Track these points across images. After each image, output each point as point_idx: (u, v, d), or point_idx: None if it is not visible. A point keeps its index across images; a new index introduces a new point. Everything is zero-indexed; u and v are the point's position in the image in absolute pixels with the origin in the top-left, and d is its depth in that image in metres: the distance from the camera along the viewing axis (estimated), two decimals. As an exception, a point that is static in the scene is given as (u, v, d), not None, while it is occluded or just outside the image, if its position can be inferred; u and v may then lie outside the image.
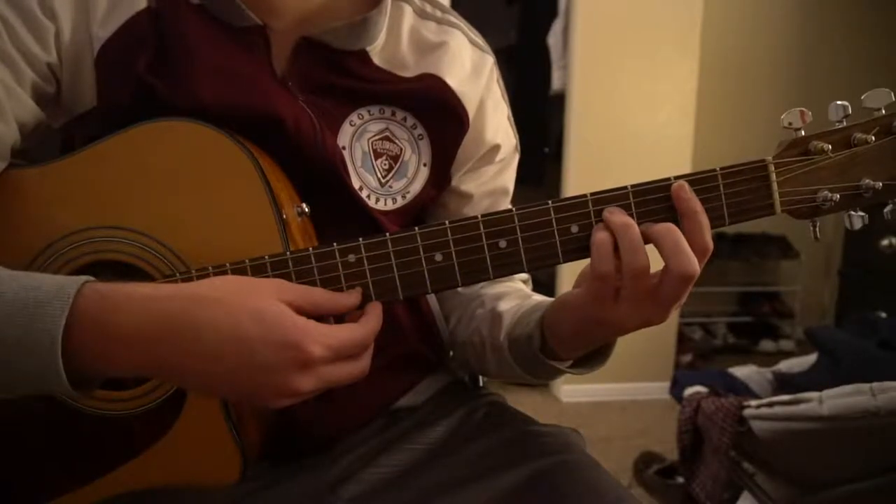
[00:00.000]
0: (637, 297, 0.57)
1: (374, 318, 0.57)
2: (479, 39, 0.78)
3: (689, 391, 1.76)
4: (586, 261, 0.58)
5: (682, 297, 0.57)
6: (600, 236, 0.57)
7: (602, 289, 0.57)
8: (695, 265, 0.55)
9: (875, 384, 1.32)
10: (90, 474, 0.62)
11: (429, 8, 0.75)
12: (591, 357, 0.67)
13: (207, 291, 0.51)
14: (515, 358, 0.69)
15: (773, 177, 0.59)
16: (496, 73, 0.78)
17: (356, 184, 0.69)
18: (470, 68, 0.75)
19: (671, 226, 0.56)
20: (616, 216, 0.57)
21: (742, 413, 1.52)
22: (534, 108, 3.11)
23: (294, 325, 0.50)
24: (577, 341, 0.63)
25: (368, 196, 0.70)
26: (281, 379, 0.50)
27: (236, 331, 0.49)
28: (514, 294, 0.76)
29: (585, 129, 2.75)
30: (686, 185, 0.57)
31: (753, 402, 1.52)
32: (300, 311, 0.52)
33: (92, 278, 0.50)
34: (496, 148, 0.76)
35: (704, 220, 0.57)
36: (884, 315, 1.84)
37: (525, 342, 0.67)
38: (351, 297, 0.57)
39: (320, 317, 0.54)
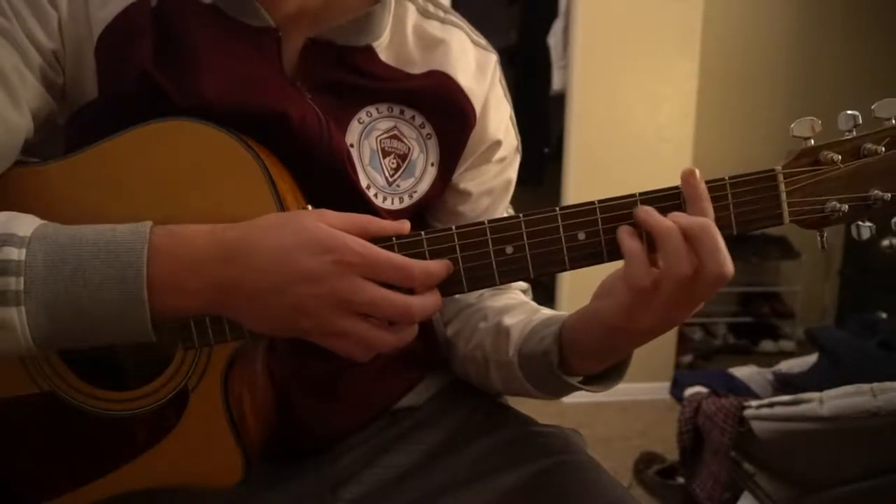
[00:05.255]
0: (673, 304, 0.55)
1: (426, 262, 0.57)
2: (482, 39, 0.78)
3: (689, 391, 1.76)
4: (590, 268, 0.58)
5: (711, 298, 0.56)
6: (633, 246, 0.56)
7: (637, 302, 0.56)
8: (731, 265, 0.54)
9: (875, 384, 1.32)
10: (91, 474, 0.62)
11: (431, 8, 0.75)
12: (605, 373, 0.66)
13: (259, 221, 0.55)
14: (527, 374, 0.68)
15: (782, 187, 0.58)
16: (499, 72, 0.78)
17: (364, 182, 0.69)
18: (475, 66, 0.75)
19: (708, 222, 0.55)
20: (654, 218, 0.55)
21: (742, 413, 1.52)
22: (534, 108, 3.11)
23: (331, 233, 0.54)
24: (597, 353, 0.63)
25: (376, 195, 0.69)
26: (320, 284, 0.53)
27: (279, 244, 0.53)
28: (520, 308, 0.75)
29: (585, 129, 2.74)
30: (696, 171, 0.57)
31: (754, 403, 1.52)
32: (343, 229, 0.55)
33: (152, 222, 0.55)
34: (497, 144, 0.76)
35: (710, 209, 0.57)
36: (884, 315, 1.84)
37: (540, 358, 0.66)
38: (397, 223, 0.58)
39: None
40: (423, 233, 0.58)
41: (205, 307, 0.55)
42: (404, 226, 0.58)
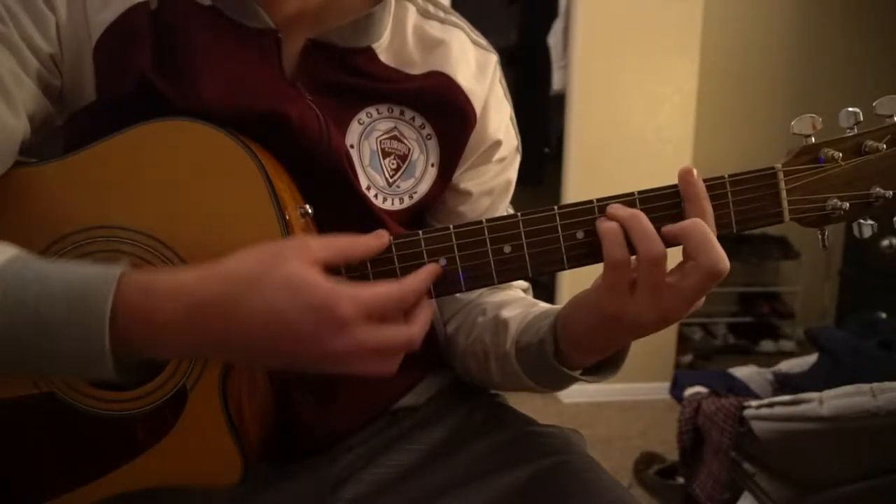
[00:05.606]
0: (654, 289, 0.56)
1: (413, 277, 0.56)
2: (482, 40, 0.78)
3: (689, 391, 1.76)
4: (589, 267, 0.58)
5: (706, 293, 0.56)
6: (607, 225, 0.57)
7: (617, 279, 0.56)
8: (726, 260, 0.55)
9: (875, 384, 1.32)
10: (90, 474, 0.62)
11: (431, 8, 0.75)
12: (602, 366, 0.66)
13: (238, 269, 0.51)
14: (523, 366, 0.68)
15: (783, 184, 0.58)
16: (499, 73, 0.78)
17: (364, 183, 0.69)
18: (475, 66, 0.75)
19: (698, 220, 0.56)
20: (621, 210, 0.57)
21: (742, 413, 1.52)
22: (534, 108, 3.11)
23: (321, 287, 0.50)
24: (591, 342, 0.62)
25: (376, 195, 0.69)
26: (319, 343, 0.50)
27: (268, 303, 0.50)
28: (518, 302, 0.75)
29: (585, 129, 2.74)
30: (693, 170, 0.57)
31: (753, 403, 1.52)
32: (329, 265, 0.53)
33: (126, 266, 0.51)
34: (497, 144, 0.76)
35: (709, 207, 0.57)
36: (884, 315, 1.84)
37: (535, 348, 0.66)
38: (377, 239, 0.57)
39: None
40: (420, 232, 0.58)
41: (187, 357, 0.55)
42: (383, 239, 0.57)
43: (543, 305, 0.73)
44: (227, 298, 0.50)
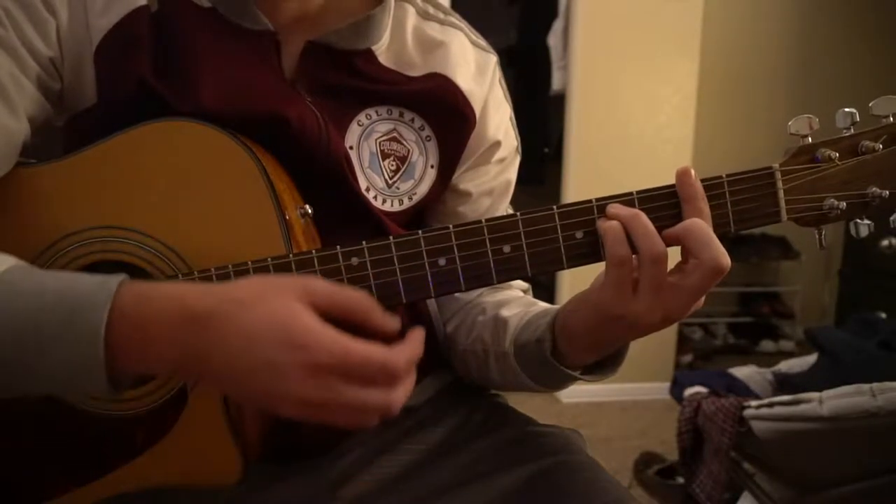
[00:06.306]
0: (657, 288, 0.56)
1: (406, 344, 0.51)
2: (482, 41, 0.78)
3: (689, 391, 1.76)
4: (589, 266, 0.58)
5: (708, 290, 0.56)
6: (609, 224, 0.57)
7: (621, 278, 0.56)
8: (726, 256, 0.55)
9: (875, 384, 1.32)
10: (90, 474, 0.62)
11: (431, 9, 0.75)
12: (600, 365, 0.66)
13: (234, 292, 0.50)
14: (522, 365, 0.68)
15: (780, 184, 0.59)
16: (499, 73, 0.78)
17: (363, 184, 0.69)
18: (475, 67, 0.75)
19: (697, 220, 0.56)
20: (621, 209, 0.57)
21: (742, 413, 1.52)
22: (534, 108, 3.12)
23: (304, 326, 0.48)
24: (591, 341, 0.62)
25: (375, 197, 0.70)
26: (287, 381, 0.48)
27: (248, 330, 0.48)
28: (518, 301, 0.75)
29: (585, 129, 2.74)
30: (691, 170, 0.57)
31: (753, 403, 1.52)
32: (326, 312, 0.50)
33: (126, 276, 0.51)
34: (496, 145, 0.76)
35: (706, 208, 0.57)
36: (884, 315, 1.84)
37: (534, 347, 0.66)
38: (385, 321, 0.52)
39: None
40: (420, 232, 0.58)
41: (172, 372, 0.54)
42: (394, 325, 0.52)
43: (542, 305, 0.73)
44: (216, 315, 0.49)
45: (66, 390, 0.51)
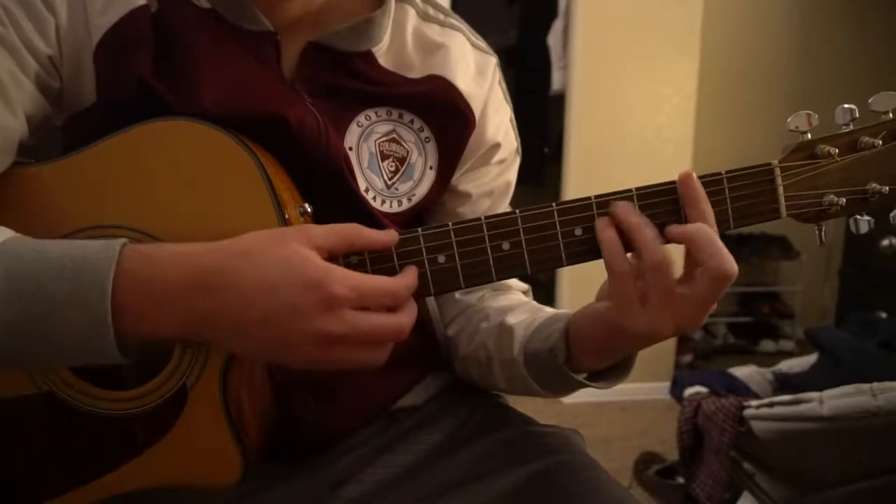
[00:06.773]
0: (665, 297, 0.56)
1: (409, 274, 0.56)
2: (482, 42, 0.78)
3: (689, 391, 1.76)
4: (589, 265, 0.58)
5: (719, 297, 0.56)
6: (607, 235, 0.57)
7: (623, 290, 0.56)
8: (733, 262, 0.55)
9: (875, 384, 1.32)
10: (90, 474, 0.62)
11: (431, 11, 0.75)
12: (611, 370, 0.66)
13: (239, 245, 0.52)
14: (532, 373, 0.68)
15: (779, 180, 0.59)
16: (499, 75, 0.78)
17: (362, 185, 0.69)
18: (474, 69, 0.75)
19: (702, 226, 0.56)
20: (620, 214, 0.57)
21: (742, 413, 1.52)
22: (534, 108, 3.12)
23: (316, 266, 0.51)
24: (604, 353, 0.63)
25: (374, 198, 0.70)
26: (307, 321, 0.50)
27: (263, 277, 0.50)
28: (522, 307, 0.75)
29: (585, 129, 2.75)
30: (693, 175, 0.57)
31: (753, 403, 1.52)
32: (331, 252, 0.54)
33: (127, 239, 0.52)
34: (496, 146, 0.76)
35: (709, 210, 0.57)
36: (884, 315, 1.84)
37: (546, 356, 0.65)
38: (384, 234, 0.57)
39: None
40: (419, 230, 0.58)
41: (180, 335, 0.54)
42: (392, 237, 0.57)
43: (549, 310, 0.73)
44: (224, 269, 0.51)
45: (75, 356, 0.51)
